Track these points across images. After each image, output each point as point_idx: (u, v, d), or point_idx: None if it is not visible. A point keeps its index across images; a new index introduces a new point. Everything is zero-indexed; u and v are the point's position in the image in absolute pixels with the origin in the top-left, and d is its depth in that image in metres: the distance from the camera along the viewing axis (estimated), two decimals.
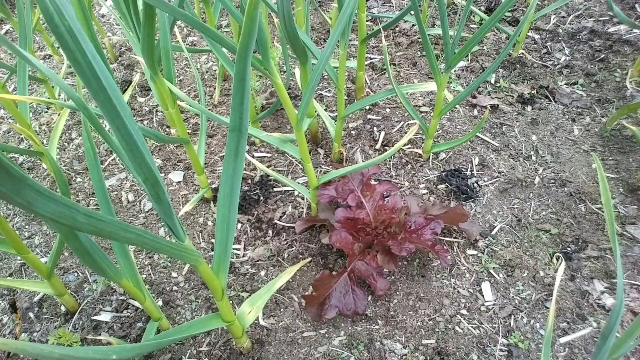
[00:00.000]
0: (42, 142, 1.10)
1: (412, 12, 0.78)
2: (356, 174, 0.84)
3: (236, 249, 0.88)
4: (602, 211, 0.87)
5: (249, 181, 1.00)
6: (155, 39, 0.64)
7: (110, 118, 0.33)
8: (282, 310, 0.79)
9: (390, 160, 1.00)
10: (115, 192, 0.99)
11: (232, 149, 0.49)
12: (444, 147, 0.95)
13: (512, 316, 0.76)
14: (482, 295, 0.79)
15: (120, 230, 0.34)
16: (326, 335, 0.76)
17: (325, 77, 1.22)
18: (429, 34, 1.23)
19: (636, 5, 1.29)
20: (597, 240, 0.84)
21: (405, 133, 0.93)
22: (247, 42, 0.42)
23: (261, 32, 0.58)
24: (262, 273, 0.84)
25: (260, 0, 0.39)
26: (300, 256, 0.86)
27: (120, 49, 1.36)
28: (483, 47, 1.24)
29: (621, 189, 0.92)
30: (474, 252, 0.84)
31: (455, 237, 0.87)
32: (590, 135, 1.02)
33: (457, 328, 0.75)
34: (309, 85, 0.62)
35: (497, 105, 1.10)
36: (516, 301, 0.78)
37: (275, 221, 0.91)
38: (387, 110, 1.11)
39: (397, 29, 1.33)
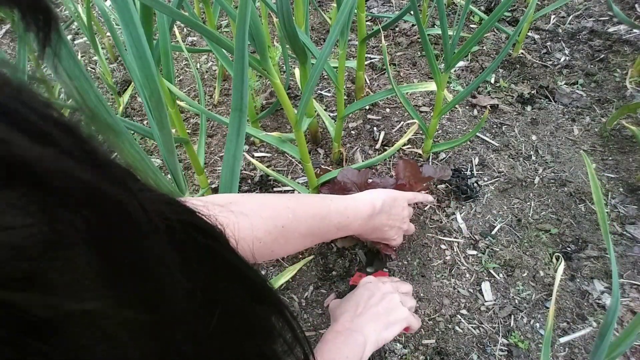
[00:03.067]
0: None
1: (412, 12, 0.78)
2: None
3: None
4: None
5: (249, 181, 1.00)
6: (155, 39, 0.64)
7: (125, 23, 0.39)
8: None
9: (390, 160, 1.00)
10: None
11: (235, 127, 0.50)
12: (444, 147, 0.95)
13: (512, 316, 0.76)
14: (482, 295, 0.79)
15: (126, 140, 0.36)
16: None
17: (325, 77, 1.22)
18: (428, 34, 1.23)
19: (636, 5, 1.29)
20: (597, 240, 0.84)
21: (405, 133, 0.93)
22: (243, 14, 0.43)
23: (259, 32, 0.58)
24: (262, 273, 0.84)
25: None
26: (300, 256, 0.86)
27: None
28: (483, 47, 1.24)
29: (621, 189, 0.91)
30: (474, 252, 0.84)
31: (455, 237, 0.87)
32: (590, 135, 1.02)
33: (457, 328, 0.75)
34: (308, 85, 0.62)
35: (497, 105, 1.09)
36: (516, 301, 0.78)
37: None
38: (387, 110, 1.11)
39: (396, 28, 1.33)
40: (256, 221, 0.46)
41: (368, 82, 1.18)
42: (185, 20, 0.51)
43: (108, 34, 1.43)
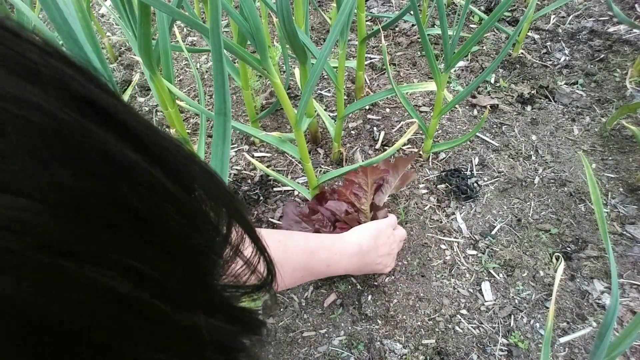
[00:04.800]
0: None
1: (412, 12, 0.78)
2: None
3: None
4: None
5: (249, 181, 1.00)
6: (154, 39, 0.64)
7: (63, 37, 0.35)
8: (282, 310, 0.79)
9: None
10: None
11: (220, 132, 0.49)
12: (444, 147, 0.95)
13: (512, 316, 0.76)
14: (482, 295, 0.79)
15: None
16: (326, 335, 0.76)
17: (325, 77, 1.22)
18: (428, 34, 1.23)
19: (636, 5, 1.29)
20: (597, 240, 0.84)
21: (405, 133, 0.93)
22: (215, 17, 0.43)
23: (259, 32, 0.58)
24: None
25: None
26: None
27: (120, 48, 1.36)
28: (483, 47, 1.24)
29: (621, 189, 0.91)
30: (474, 252, 0.84)
31: (455, 237, 0.87)
32: (590, 135, 1.02)
33: (457, 328, 0.75)
34: (308, 84, 0.62)
35: (497, 105, 1.09)
36: (516, 301, 0.78)
37: (275, 221, 0.91)
38: (387, 110, 1.11)
39: (396, 28, 1.33)
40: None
41: (368, 82, 1.18)
42: (185, 19, 0.51)
43: (108, 33, 1.43)
